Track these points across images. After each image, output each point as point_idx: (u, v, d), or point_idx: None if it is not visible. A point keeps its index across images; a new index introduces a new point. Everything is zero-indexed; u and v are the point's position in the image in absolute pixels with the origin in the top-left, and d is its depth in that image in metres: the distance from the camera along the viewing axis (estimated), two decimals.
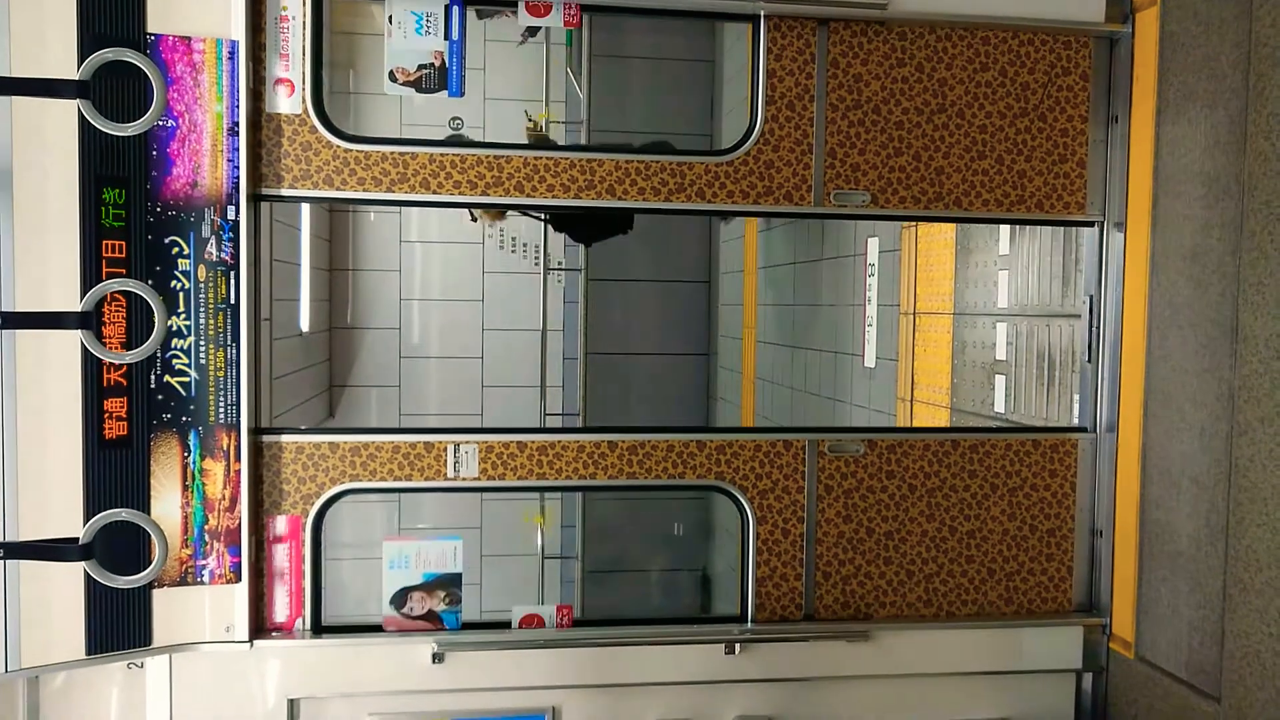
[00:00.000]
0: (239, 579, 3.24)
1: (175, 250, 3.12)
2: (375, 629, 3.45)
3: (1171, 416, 3.40)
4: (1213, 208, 3.21)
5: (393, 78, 3.48)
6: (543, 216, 5.35)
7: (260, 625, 3.34)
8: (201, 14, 3.13)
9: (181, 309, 3.14)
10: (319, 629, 3.39)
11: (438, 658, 3.36)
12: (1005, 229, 4.62)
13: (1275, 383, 2.95)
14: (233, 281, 3.20)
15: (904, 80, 3.59)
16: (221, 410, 3.21)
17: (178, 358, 3.15)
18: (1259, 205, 3.02)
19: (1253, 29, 3.06)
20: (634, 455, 3.54)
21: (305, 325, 6.38)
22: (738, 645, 3.50)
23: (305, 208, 6.07)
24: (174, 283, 3.13)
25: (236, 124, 3.17)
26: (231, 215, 3.18)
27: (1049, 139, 3.67)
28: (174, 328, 3.14)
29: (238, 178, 3.18)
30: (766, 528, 3.61)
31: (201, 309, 3.17)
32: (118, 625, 3.09)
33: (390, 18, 3.45)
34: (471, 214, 5.99)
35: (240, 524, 3.23)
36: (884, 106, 3.59)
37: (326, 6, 3.37)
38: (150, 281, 3.07)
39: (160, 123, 3.07)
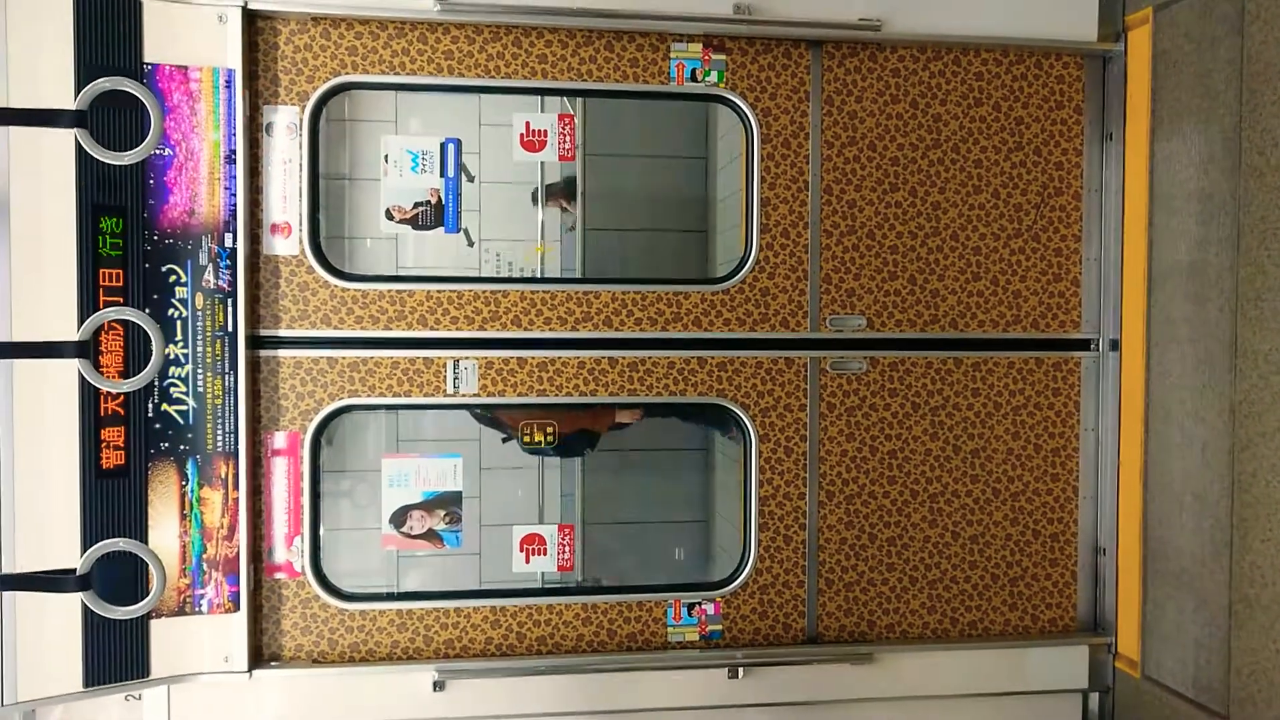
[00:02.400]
0: (237, 608, 3.22)
1: (173, 278, 3.12)
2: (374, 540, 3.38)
3: (1172, 433, 3.39)
4: (1209, 224, 3.22)
5: (389, 215, 3.49)
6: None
7: (259, 654, 3.32)
8: (198, 43, 3.14)
9: (179, 337, 3.14)
10: (317, 547, 3.37)
11: (439, 685, 3.34)
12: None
13: (1276, 397, 2.95)
14: (230, 309, 3.19)
15: (897, 205, 3.61)
16: (220, 438, 3.19)
17: (175, 386, 3.14)
18: (1255, 221, 3.03)
19: (1244, 45, 3.08)
20: (634, 372, 3.51)
21: None
22: (740, 669, 3.48)
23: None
24: (171, 311, 3.13)
25: (233, 152, 3.18)
26: (229, 243, 3.18)
27: (1043, 259, 3.69)
28: (171, 356, 3.13)
29: (235, 205, 3.18)
30: (769, 446, 3.59)
31: (199, 337, 3.16)
32: (115, 657, 3.06)
33: (386, 156, 3.46)
34: (468, 239, 5.96)
35: (239, 552, 3.22)
36: (878, 230, 3.61)
37: (323, 148, 3.39)
38: (148, 310, 3.06)
39: (157, 151, 3.07)
